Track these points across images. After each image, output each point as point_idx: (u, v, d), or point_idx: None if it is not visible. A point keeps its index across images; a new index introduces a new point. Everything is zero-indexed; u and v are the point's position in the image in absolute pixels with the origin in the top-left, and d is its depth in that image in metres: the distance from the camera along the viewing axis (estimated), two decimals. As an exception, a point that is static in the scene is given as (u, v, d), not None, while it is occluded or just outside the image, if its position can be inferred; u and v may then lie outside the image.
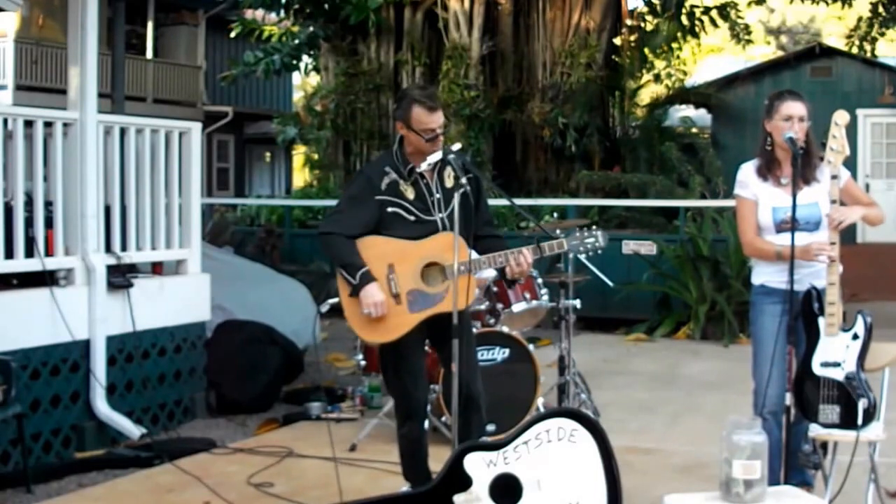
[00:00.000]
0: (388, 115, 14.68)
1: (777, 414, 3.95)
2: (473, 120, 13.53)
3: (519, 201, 12.25)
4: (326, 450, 5.28)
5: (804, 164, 4.00)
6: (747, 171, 4.17)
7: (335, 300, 4.08)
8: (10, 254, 5.17)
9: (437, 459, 4.20)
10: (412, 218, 3.95)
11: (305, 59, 16.07)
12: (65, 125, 5.55)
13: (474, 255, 4.01)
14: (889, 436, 4.00)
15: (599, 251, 4.00)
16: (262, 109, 21.97)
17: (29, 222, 5.26)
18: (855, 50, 16.31)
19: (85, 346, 5.44)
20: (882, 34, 16.28)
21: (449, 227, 3.95)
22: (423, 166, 3.93)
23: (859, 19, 16.64)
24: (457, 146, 4.00)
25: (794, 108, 4.00)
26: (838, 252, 3.84)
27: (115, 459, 5.20)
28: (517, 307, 5.91)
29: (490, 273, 5.98)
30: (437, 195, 4.00)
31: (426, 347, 4.28)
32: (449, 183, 4.02)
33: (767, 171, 4.10)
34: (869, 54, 16.20)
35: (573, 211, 10.92)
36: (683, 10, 15.19)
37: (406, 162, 3.99)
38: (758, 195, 4.11)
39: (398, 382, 4.08)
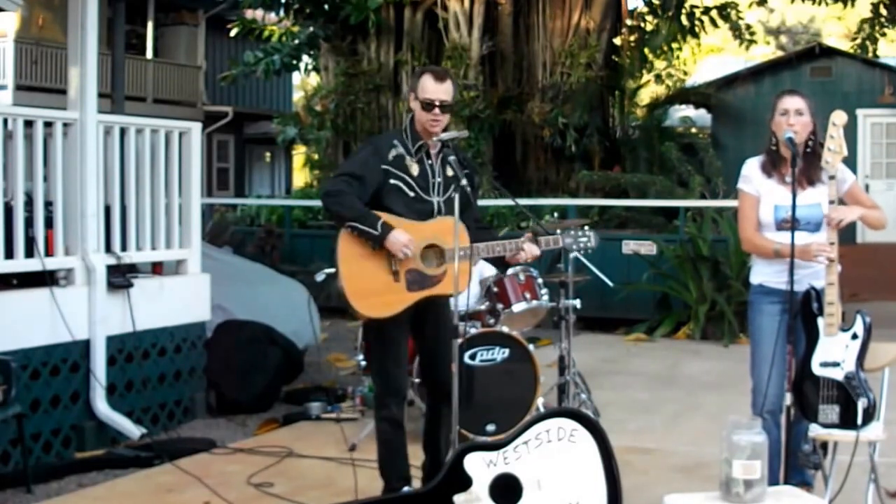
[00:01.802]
0: (388, 116, 14.68)
1: (776, 414, 3.95)
2: (473, 120, 13.52)
3: (519, 201, 12.27)
4: (326, 450, 5.29)
5: (809, 165, 4.01)
6: (752, 167, 4.18)
7: (331, 270, 4.08)
8: (10, 254, 5.17)
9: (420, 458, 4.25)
10: (412, 194, 4.01)
11: (305, 59, 16.06)
12: (65, 125, 5.55)
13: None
14: (889, 436, 4.00)
15: (591, 251, 4.13)
16: (262, 109, 21.98)
17: (29, 222, 5.26)
18: (859, 52, 16.29)
19: (85, 346, 5.44)
20: (883, 34, 16.27)
21: (445, 211, 4.02)
22: (434, 139, 4.00)
23: (862, 21, 16.63)
24: (465, 132, 4.20)
25: (790, 101, 4.03)
26: (837, 252, 3.85)
27: (115, 459, 5.20)
28: (517, 307, 5.91)
29: (491, 269, 6.00)
30: (439, 179, 4.07)
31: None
32: (450, 171, 4.07)
33: (772, 168, 4.11)
34: (871, 55, 16.19)
35: (573, 211, 10.92)
36: (683, 11, 15.19)
37: (416, 137, 4.05)
38: (760, 191, 4.11)
39: (381, 362, 4.09)
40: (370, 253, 3.92)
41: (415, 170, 4.03)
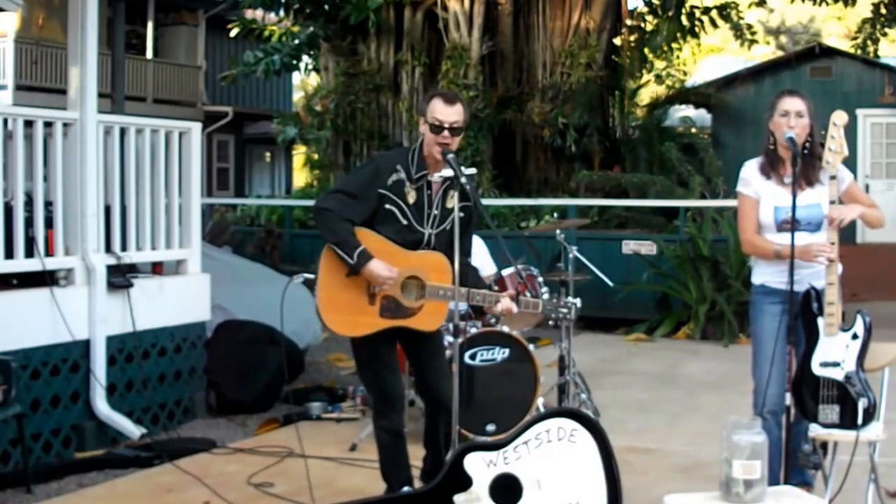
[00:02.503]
0: (388, 115, 14.69)
1: (777, 414, 3.95)
2: (473, 120, 13.51)
3: (519, 201, 12.28)
4: (326, 450, 5.29)
5: (807, 166, 4.01)
6: (751, 169, 4.18)
7: (310, 276, 4.04)
8: (10, 254, 5.17)
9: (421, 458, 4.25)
10: (404, 222, 3.93)
11: (305, 59, 16.06)
12: (65, 125, 5.55)
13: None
14: (889, 436, 4.00)
15: (568, 323, 4.07)
16: (262, 109, 21.97)
17: (29, 222, 5.26)
18: (860, 52, 16.28)
19: (85, 346, 5.44)
20: (884, 34, 16.26)
21: (435, 244, 3.97)
22: (435, 177, 3.92)
23: (863, 21, 16.62)
24: (472, 170, 3.99)
25: (790, 103, 4.02)
26: (837, 252, 3.85)
27: (115, 459, 5.20)
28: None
29: (491, 270, 6.00)
30: (436, 211, 3.98)
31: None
32: (450, 203, 3.99)
33: (771, 169, 4.11)
34: (872, 55, 16.17)
35: (573, 211, 10.92)
36: (683, 11, 15.19)
37: (421, 166, 3.96)
38: (760, 193, 4.12)
39: (375, 375, 4.07)
40: None
41: (412, 198, 3.94)
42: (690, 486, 4.05)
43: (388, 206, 3.91)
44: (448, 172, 3.88)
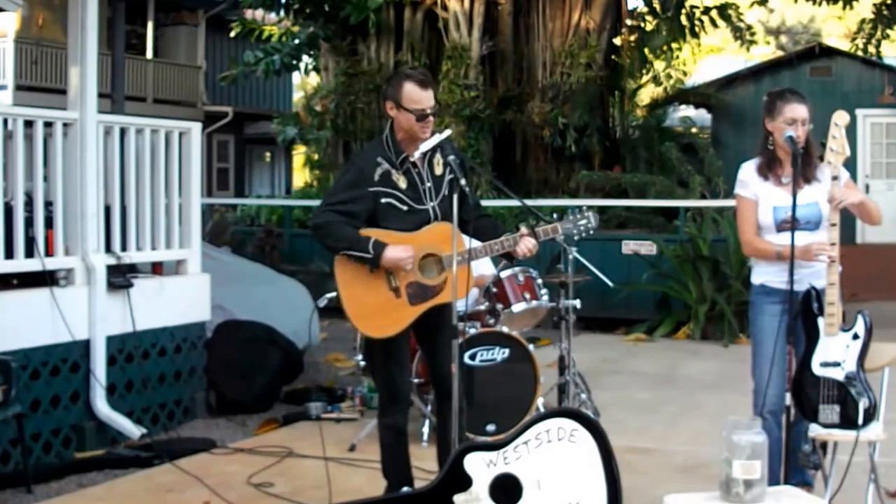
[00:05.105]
0: (387, 115, 14.68)
1: (777, 414, 3.96)
2: (473, 120, 13.52)
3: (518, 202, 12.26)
4: (326, 450, 5.28)
5: (804, 164, 4.01)
6: (748, 170, 4.18)
7: (333, 294, 4.03)
8: (10, 254, 5.17)
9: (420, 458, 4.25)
10: (405, 208, 3.91)
11: (305, 59, 16.08)
12: (65, 125, 5.55)
13: (473, 242, 3.99)
14: (889, 436, 4.00)
15: (591, 231, 4.04)
16: (262, 109, 21.98)
17: (29, 222, 5.26)
18: (860, 53, 16.27)
19: (85, 346, 5.45)
20: (886, 36, 16.23)
21: (440, 216, 3.95)
22: (416, 155, 3.89)
23: (862, 21, 16.60)
24: (447, 132, 3.96)
25: (799, 110, 4.00)
26: (838, 252, 3.85)
27: (115, 459, 5.20)
28: (517, 307, 5.91)
29: (490, 271, 6.00)
30: (428, 183, 3.97)
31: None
32: (438, 170, 3.99)
33: (768, 170, 4.11)
34: (875, 56, 16.16)
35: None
36: (683, 11, 15.19)
37: (398, 150, 3.93)
38: (758, 194, 4.11)
39: (385, 371, 4.05)
40: (367, 273, 3.86)
41: (403, 183, 3.91)
42: (690, 486, 4.05)
43: (384, 200, 3.89)
44: (426, 146, 3.86)
